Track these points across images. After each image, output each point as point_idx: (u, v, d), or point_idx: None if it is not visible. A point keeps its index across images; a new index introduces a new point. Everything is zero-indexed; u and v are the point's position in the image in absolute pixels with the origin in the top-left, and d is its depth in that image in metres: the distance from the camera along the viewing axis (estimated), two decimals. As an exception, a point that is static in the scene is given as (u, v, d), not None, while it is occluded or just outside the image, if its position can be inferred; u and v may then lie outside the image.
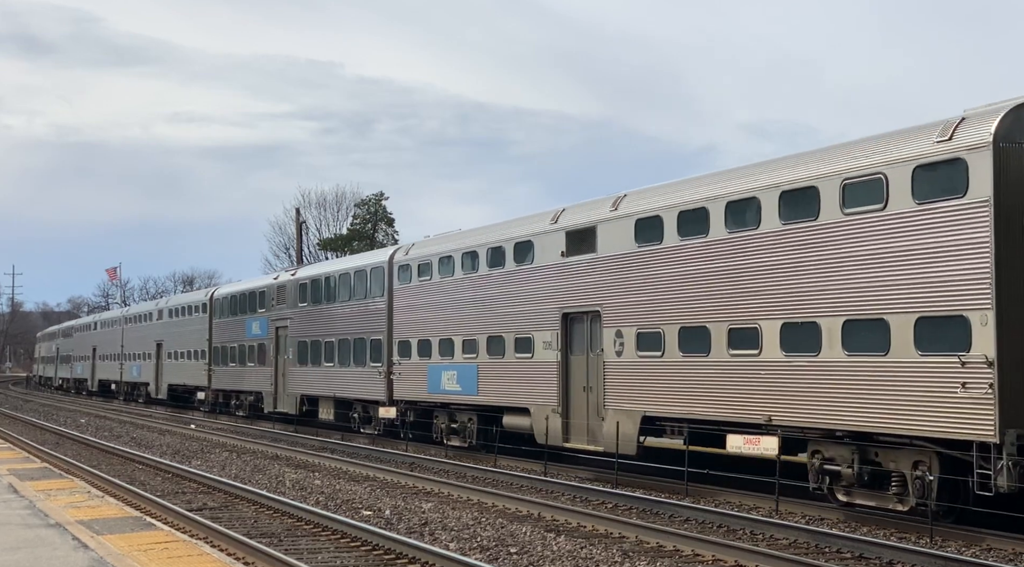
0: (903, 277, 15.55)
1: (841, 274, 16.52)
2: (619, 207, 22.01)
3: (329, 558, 13.63)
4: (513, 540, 14.92)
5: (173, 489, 21.14)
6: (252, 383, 42.63)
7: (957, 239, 14.84)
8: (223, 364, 46.21)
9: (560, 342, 23.54)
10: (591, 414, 22.54)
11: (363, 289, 33.39)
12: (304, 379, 37.44)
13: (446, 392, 28.23)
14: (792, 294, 17.43)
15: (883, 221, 15.92)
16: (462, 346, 27.49)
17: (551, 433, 23.71)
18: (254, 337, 42.32)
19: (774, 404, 17.71)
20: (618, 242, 21.79)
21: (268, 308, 41.12)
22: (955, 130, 15.09)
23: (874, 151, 16.34)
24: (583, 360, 23.00)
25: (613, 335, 21.77)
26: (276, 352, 40.14)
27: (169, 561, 12.06)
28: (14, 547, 12.70)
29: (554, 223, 24.12)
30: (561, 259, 23.63)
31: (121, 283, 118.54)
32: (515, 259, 25.38)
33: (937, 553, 13.30)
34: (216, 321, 47.31)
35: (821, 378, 16.78)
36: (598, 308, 22.33)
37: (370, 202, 75.54)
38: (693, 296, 19.62)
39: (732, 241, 18.75)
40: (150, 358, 57.45)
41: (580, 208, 23.67)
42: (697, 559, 13.72)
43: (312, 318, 36.90)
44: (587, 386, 22.80)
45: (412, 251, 30.69)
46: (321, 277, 36.74)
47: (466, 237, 28.15)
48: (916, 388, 15.29)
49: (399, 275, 31.04)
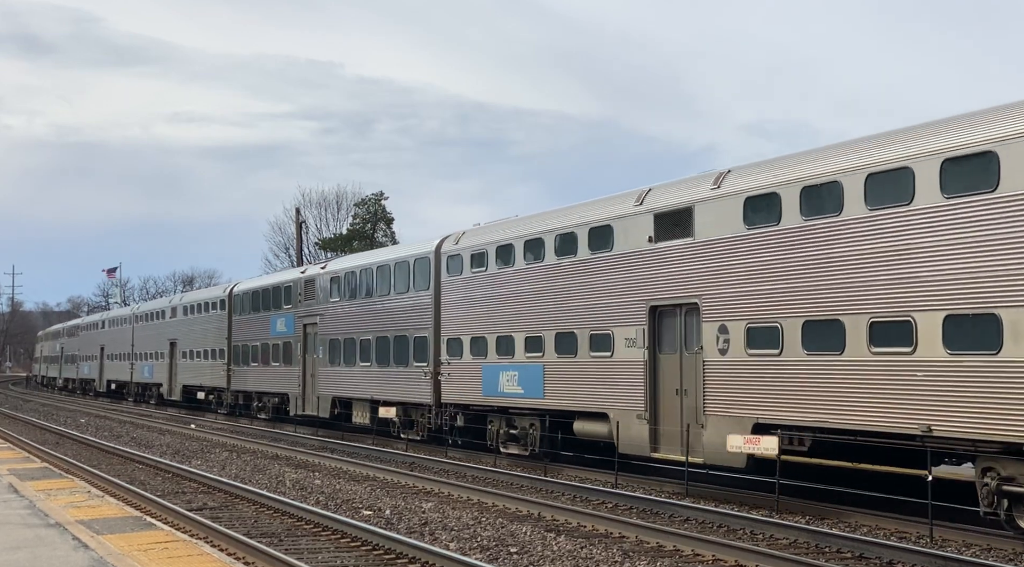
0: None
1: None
2: (722, 184, 19.30)
3: (329, 558, 13.57)
4: (513, 540, 14.86)
5: (173, 489, 20.96)
6: (277, 384, 39.90)
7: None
8: (244, 364, 43.46)
9: (647, 339, 20.85)
10: (686, 420, 19.84)
11: (405, 282, 30.68)
12: (337, 380, 34.71)
13: (505, 395, 25.52)
14: (958, 280, 14.71)
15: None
16: (524, 344, 24.78)
17: (635, 441, 21.01)
18: (279, 335, 39.60)
19: (934, 412, 14.98)
20: (721, 224, 19.09)
21: (295, 304, 38.40)
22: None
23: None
24: (675, 359, 20.31)
25: (715, 331, 19.07)
26: (304, 351, 37.43)
27: (169, 561, 12.00)
28: (14, 547, 12.64)
29: (639, 204, 21.42)
30: (648, 245, 20.93)
31: (121, 283, 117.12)
32: (591, 246, 22.67)
33: (937, 553, 13.12)
34: (236, 318, 44.56)
35: (1002, 381, 14.06)
36: (695, 300, 19.63)
37: (370, 202, 75.28)
38: (821, 285, 16.90)
39: (875, 220, 16.02)
40: (163, 358, 54.68)
41: (671, 187, 20.96)
42: (697, 559, 13.63)
43: (346, 314, 34.18)
44: (681, 389, 20.11)
45: (464, 240, 27.97)
46: (356, 270, 33.98)
47: (528, 223, 25.43)
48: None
49: (448, 266, 28.33)
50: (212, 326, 47.10)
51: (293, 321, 38.39)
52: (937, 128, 15.51)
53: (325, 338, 35.59)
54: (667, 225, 20.52)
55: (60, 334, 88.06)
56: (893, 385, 15.57)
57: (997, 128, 14.31)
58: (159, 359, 55.69)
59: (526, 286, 24.79)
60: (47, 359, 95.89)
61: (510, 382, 25.26)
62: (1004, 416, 13.98)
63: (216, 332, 46.48)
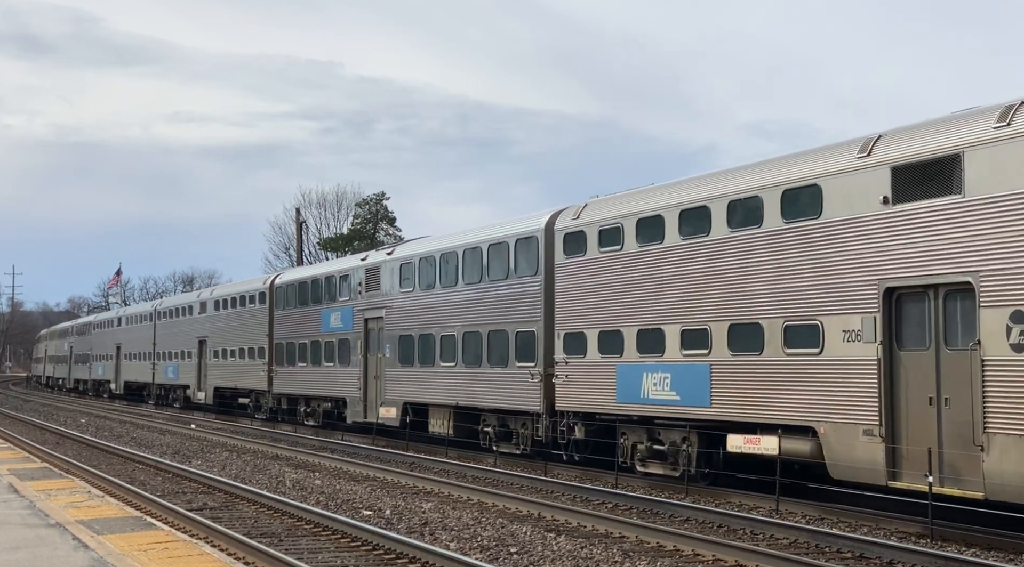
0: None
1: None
2: (1013, 122, 14.36)
3: (329, 558, 13.50)
4: (513, 540, 14.80)
5: (173, 489, 20.88)
6: (330, 387, 34.90)
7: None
8: (288, 364, 38.45)
9: (881, 330, 15.90)
10: (948, 440, 14.90)
11: (502, 267, 25.76)
12: (409, 383, 29.78)
13: (651, 401, 20.58)
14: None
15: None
16: (680, 338, 19.87)
17: (862, 464, 16.07)
18: (333, 331, 34.65)
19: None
20: (1012, 177, 14.17)
21: (352, 296, 33.46)
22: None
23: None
24: (927, 357, 15.35)
25: (1003, 320, 14.13)
26: (365, 349, 32.49)
27: (169, 561, 11.95)
28: (14, 547, 12.61)
29: (864, 156, 16.46)
30: (882, 209, 15.99)
31: (121, 283, 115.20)
32: (785, 214, 17.76)
33: (937, 553, 13.06)
34: (279, 313, 39.53)
35: None
36: (967, 279, 14.69)
37: (371, 202, 75.09)
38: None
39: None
40: (190, 357, 49.59)
41: (915, 132, 15.99)
42: (697, 559, 13.56)
43: (421, 307, 29.25)
44: (937, 397, 15.16)
45: (587, 213, 23.02)
46: (434, 255, 29.02)
47: (680, 190, 20.50)
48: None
49: (565, 246, 23.39)
50: (250, 322, 42.03)
51: (351, 315, 33.44)
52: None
53: (393, 334, 30.66)
54: (914, 180, 15.58)
55: (69, 332, 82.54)
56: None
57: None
58: (185, 359, 50.57)
59: (683, 267, 19.88)
60: (53, 359, 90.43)
61: (659, 386, 20.32)
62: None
63: (254, 329, 41.48)
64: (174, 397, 53.84)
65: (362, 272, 33.07)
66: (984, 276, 14.44)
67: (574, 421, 23.03)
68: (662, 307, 20.34)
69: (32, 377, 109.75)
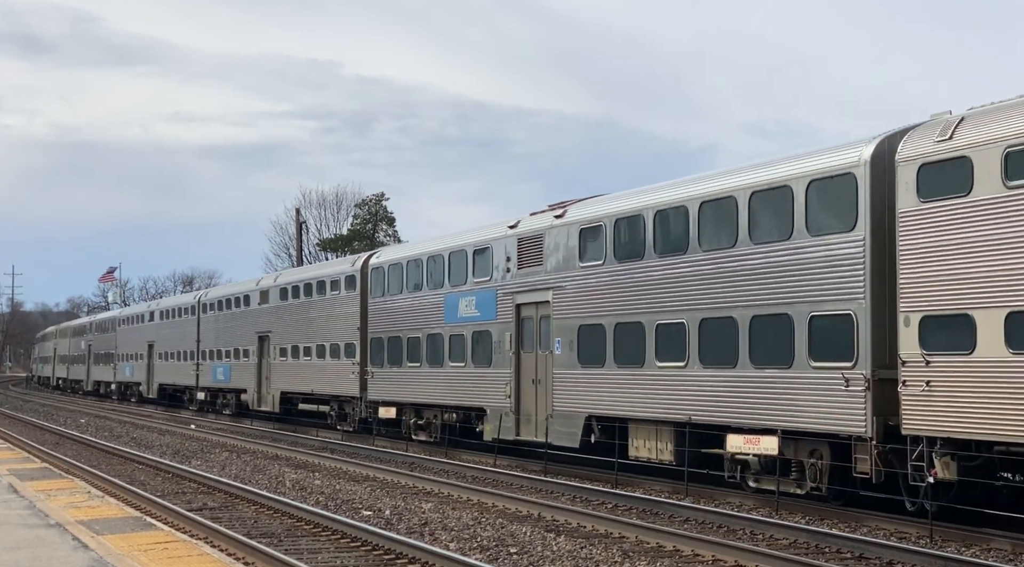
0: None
1: None
2: None
3: (329, 558, 13.42)
4: (513, 540, 14.66)
5: (173, 489, 20.71)
6: (459, 394, 26.86)
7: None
8: (390, 364, 30.28)
9: None
10: None
11: (776, 223, 17.87)
12: (597, 389, 21.80)
13: None
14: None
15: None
16: None
17: None
18: (464, 321, 26.64)
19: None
20: None
21: (495, 275, 25.51)
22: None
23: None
24: None
25: None
26: (519, 344, 24.52)
27: (169, 561, 11.90)
28: (14, 547, 12.52)
29: None
30: None
31: (121, 283, 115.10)
32: None
33: (937, 553, 13.01)
34: (375, 300, 31.32)
35: None
36: None
37: (371, 202, 74.71)
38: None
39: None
40: (247, 356, 41.35)
41: None
42: (697, 559, 13.47)
43: (620, 285, 21.24)
44: None
45: (963, 130, 14.99)
46: (643, 212, 20.93)
47: None
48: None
49: (919, 183, 15.39)
50: (333, 313, 33.76)
51: (493, 300, 25.44)
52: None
53: (569, 324, 22.67)
54: None
55: (87, 330, 73.24)
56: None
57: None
58: (240, 358, 42.29)
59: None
60: (66, 359, 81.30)
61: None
62: None
63: (339, 321, 33.24)
64: (223, 402, 45.69)
65: (512, 243, 25.03)
66: None
67: (940, 452, 14.95)
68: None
69: (33, 377, 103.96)
